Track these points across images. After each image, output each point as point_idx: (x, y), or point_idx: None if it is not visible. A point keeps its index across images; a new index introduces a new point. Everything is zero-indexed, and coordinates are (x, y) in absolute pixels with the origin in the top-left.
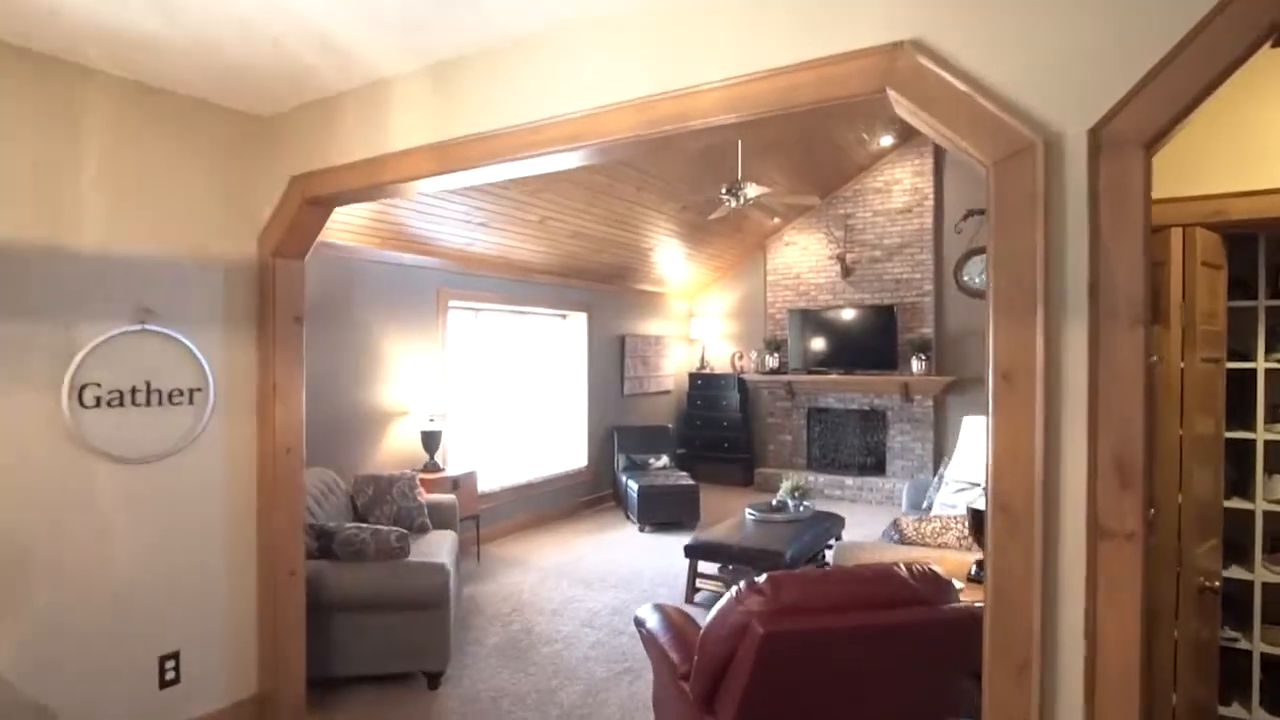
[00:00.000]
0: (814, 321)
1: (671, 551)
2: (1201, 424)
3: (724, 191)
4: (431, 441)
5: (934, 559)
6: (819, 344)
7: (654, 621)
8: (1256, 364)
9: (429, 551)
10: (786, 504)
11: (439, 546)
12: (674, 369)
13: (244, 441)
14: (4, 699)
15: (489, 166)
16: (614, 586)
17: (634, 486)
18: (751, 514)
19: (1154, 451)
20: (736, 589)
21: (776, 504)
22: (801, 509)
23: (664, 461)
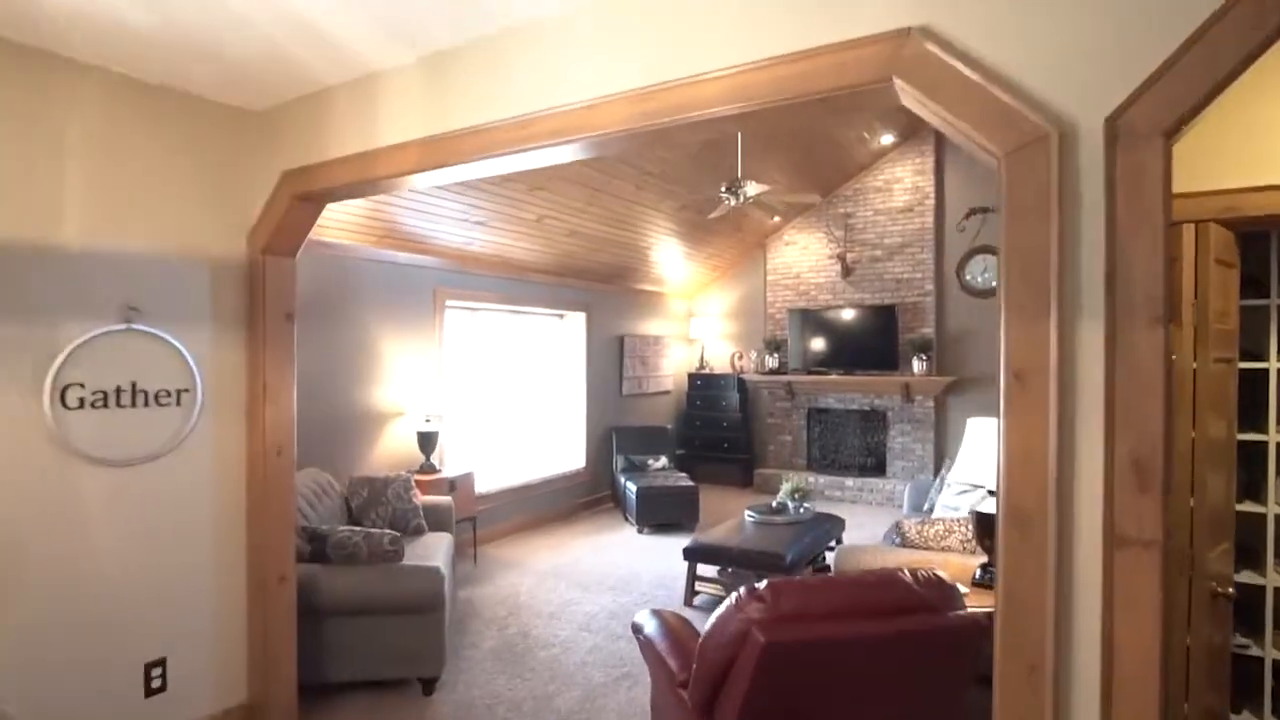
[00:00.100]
0: (814, 321)
1: (670, 553)
2: (1214, 426)
3: (723, 190)
4: (428, 442)
5: (937, 563)
6: (819, 344)
7: (652, 627)
8: (1269, 364)
9: (424, 554)
10: (787, 506)
11: (434, 549)
12: (673, 369)
13: (233, 443)
14: None
15: (483, 161)
16: (612, 589)
17: (632, 488)
18: (751, 516)
19: (1170, 454)
20: (736, 595)
21: (776, 506)
22: (802, 511)
23: (663, 462)
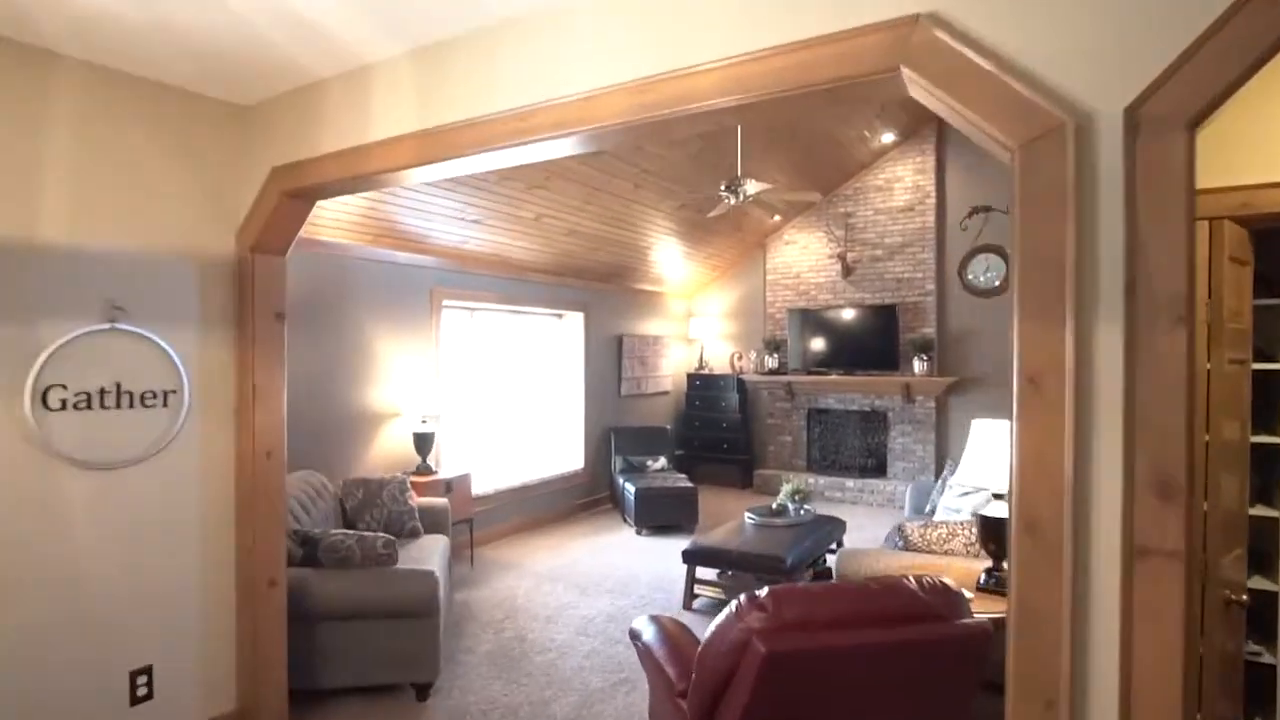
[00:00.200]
0: (814, 321)
1: (669, 555)
2: (1227, 428)
3: (723, 188)
4: (424, 443)
5: (941, 567)
6: (819, 344)
7: (650, 634)
8: None
9: (419, 557)
10: (787, 508)
11: (430, 552)
12: (672, 369)
13: (221, 446)
14: None
15: (477, 155)
16: (610, 592)
17: (631, 489)
18: (751, 518)
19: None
20: (737, 604)
21: (776, 508)
22: (802, 513)
23: (662, 463)
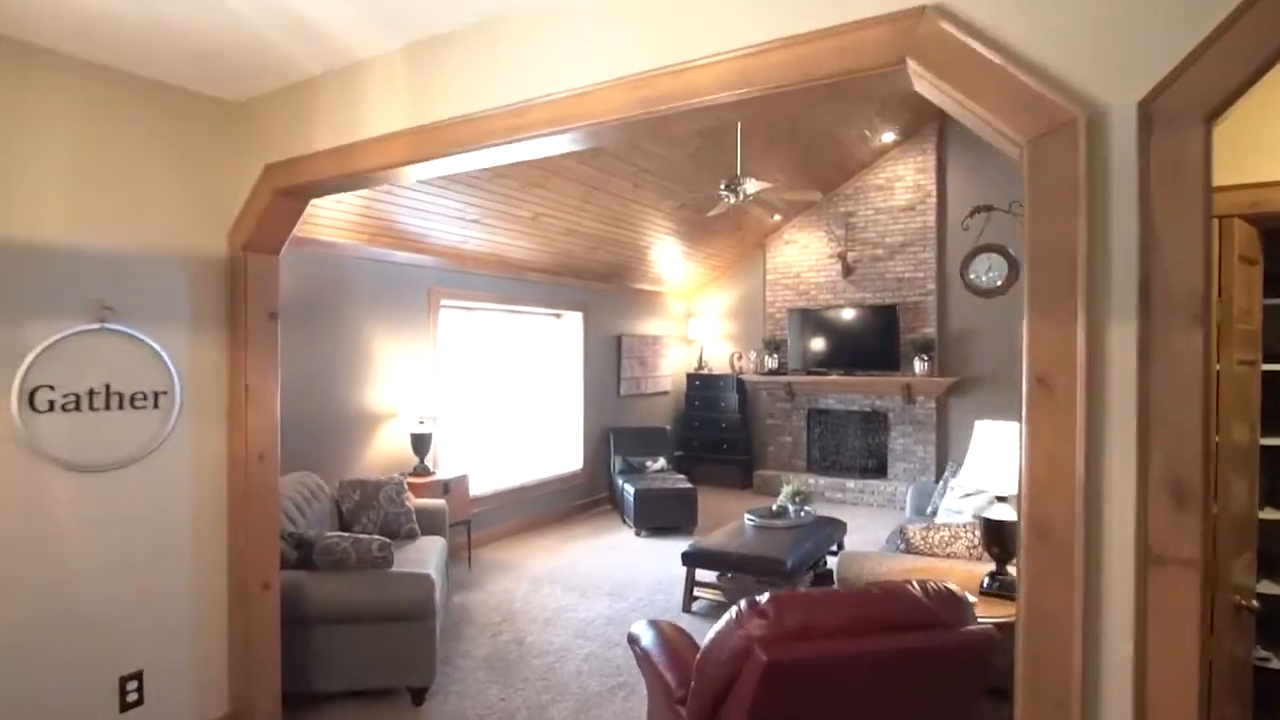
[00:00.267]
0: (814, 321)
1: (669, 556)
2: (1237, 430)
3: (723, 187)
4: (421, 444)
5: (943, 570)
6: (819, 344)
7: (648, 639)
8: None
9: (416, 559)
10: (787, 509)
11: (427, 554)
12: (671, 369)
13: (213, 447)
14: None
15: (474, 152)
16: (609, 594)
17: (630, 490)
18: (751, 520)
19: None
20: (737, 610)
21: (777, 509)
22: (803, 515)
23: (661, 464)
